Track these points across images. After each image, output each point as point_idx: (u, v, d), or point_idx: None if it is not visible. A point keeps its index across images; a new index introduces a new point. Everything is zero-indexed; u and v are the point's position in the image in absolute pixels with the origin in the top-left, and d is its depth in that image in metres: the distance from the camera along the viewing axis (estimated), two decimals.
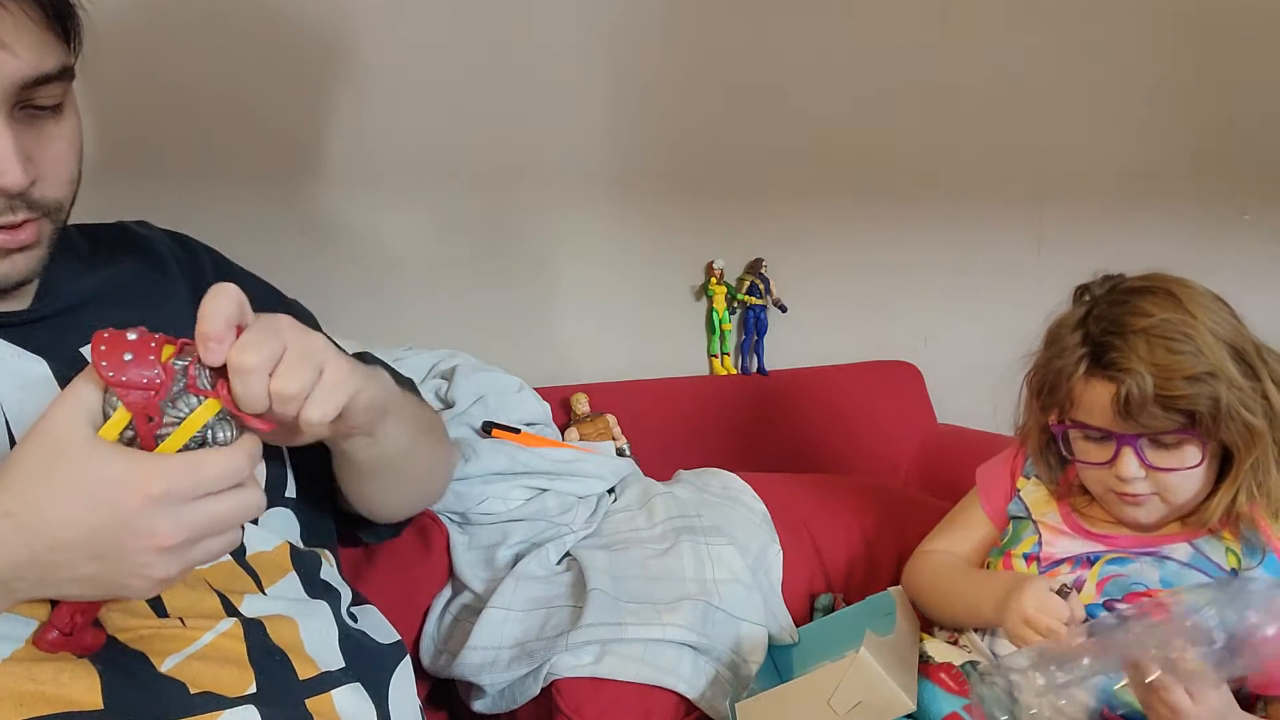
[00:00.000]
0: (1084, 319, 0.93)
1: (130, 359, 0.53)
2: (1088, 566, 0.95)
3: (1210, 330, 0.86)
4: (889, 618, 1.02)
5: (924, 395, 1.86)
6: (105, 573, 0.52)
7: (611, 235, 1.67)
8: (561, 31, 1.55)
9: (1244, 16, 2.16)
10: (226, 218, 1.36)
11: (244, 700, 0.60)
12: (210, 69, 1.33)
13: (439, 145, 1.50)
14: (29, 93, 0.61)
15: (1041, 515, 1.01)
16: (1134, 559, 0.93)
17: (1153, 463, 0.88)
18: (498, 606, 1.07)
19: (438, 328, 1.52)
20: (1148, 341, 0.86)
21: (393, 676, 0.73)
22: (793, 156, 1.80)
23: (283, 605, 0.68)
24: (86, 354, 0.68)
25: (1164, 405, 0.85)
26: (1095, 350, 0.89)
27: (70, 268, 0.73)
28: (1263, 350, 0.89)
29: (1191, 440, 0.87)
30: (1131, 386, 0.85)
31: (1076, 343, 0.91)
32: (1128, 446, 0.88)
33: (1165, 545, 0.92)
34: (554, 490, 1.24)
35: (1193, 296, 0.89)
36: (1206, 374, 0.84)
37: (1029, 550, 0.99)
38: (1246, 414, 0.85)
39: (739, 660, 1.08)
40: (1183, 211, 2.19)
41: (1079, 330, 0.92)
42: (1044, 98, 2.03)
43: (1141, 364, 0.85)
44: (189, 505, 0.53)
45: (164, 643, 0.61)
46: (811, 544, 1.27)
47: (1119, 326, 0.88)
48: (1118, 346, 0.87)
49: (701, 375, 1.77)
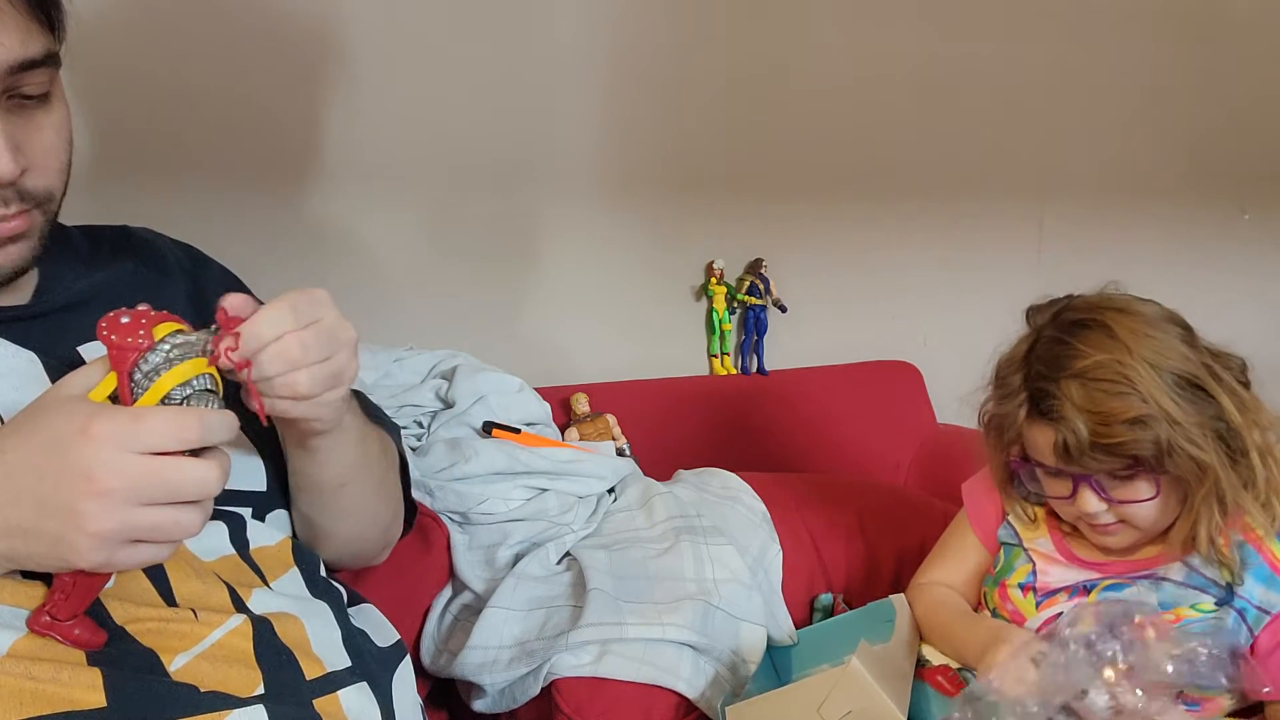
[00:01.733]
0: (1026, 356, 0.92)
1: (126, 322, 0.55)
2: (1084, 594, 0.94)
3: (1151, 365, 0.84)
4: (889, 624, 1.02)
5: (924, 395, 1.86)
6: (45, 519, 0.52)
7: (612, 235, 1.67)
8: (562, 31, 1.56)
9: (1244, 17, 2.16)
10: (224, 217, 1.37)
11: (253, 700, 0.60)
12: (208, 66, 1.33)
13: (438, 145, 1.50)
14: (15, 80, 0.61)
15: (1032, 543, 1.00)
16: (1130, 583, 0.92)
17: (1111, 496, 0.87)
18: (498, 606, 1.07)
19: (438, 328, 1.52)
20: (1083, 386, 0.84)
21: (394, 676, 0.73)
22: (793, 156, 1.80)
23: (288, 602, 0.69)
24: (84, 353, 0.68)
25: (1104, 450, 0.84)
26: (1034, 395, 0.88)
27: (72, 267, 0.73)
28: (1216, 368, 0.87)
29: (1142, 476, 0.86)
30: (1068, 434, 0.84)
31: (1018, 385, 0.91)
32: (1084, 484, 0.88)
33: (1159, 566, 0.92)
34: (554, 490, 1.24)
35: (1133, 329, 0.86)
36: (1144, 417, 0.82)
37: (1024, 580, 0.98)
38: (1192, 448, 0.82)
39: (739, 660, 1.08)
40: (1183, 211, 2.19)
41: (1020, 371, 0.91)
42: (1044, 98, 2.03)
43: (1076, 412, 0.84)
44: (130, 456, 0.52)
45: (175, 639, 0.61)
46: (811, 544, 1.27)
47: (1055, 369, 0.87)
48: (1053, 394, 0.86)
49: (701, 375, 1.77)
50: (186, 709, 0.58)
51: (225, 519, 0.70)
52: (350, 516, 0.80)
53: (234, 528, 0.71)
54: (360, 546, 0.85)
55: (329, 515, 0.78)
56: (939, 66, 1.90)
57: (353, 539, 0.83)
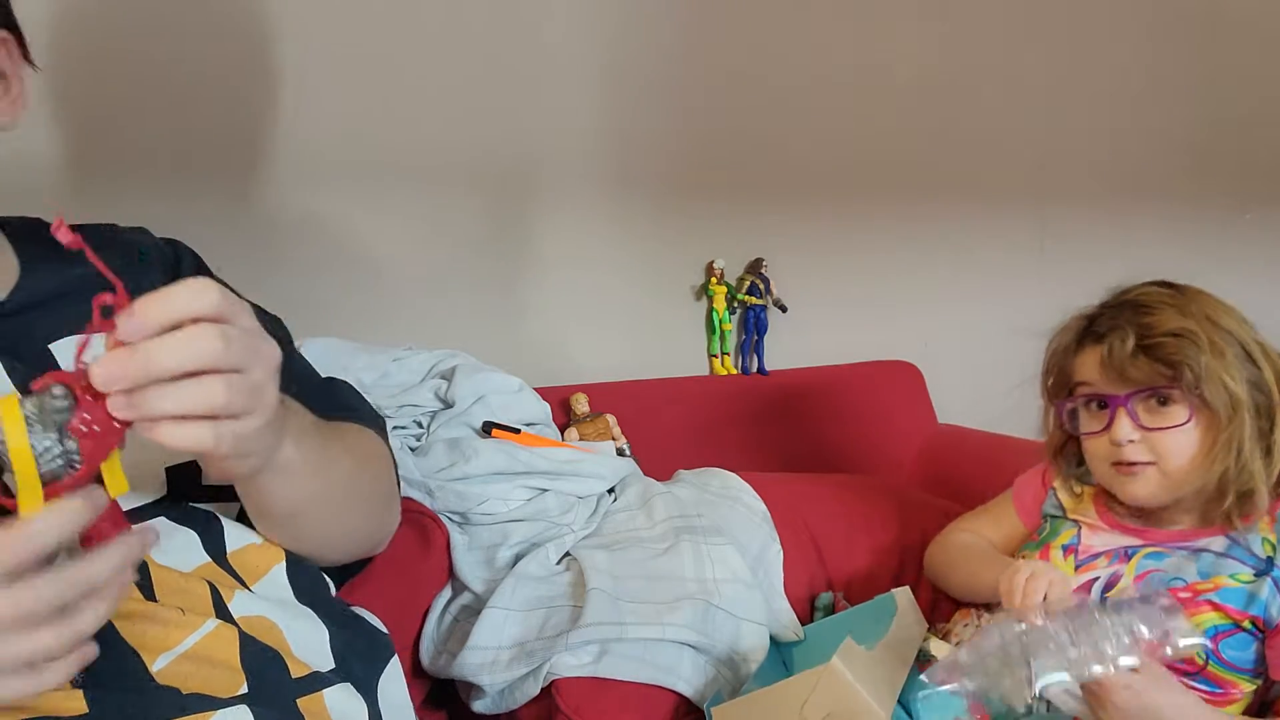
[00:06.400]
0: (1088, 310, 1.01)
1: None
2: (1125, 560, 0.96)
3: (1208, 317, 0.92)
4: (890, 618, 1.02)
5: (924, 395, 1.86)
6: None
7: (612, 235, 1.67)
8: (563, 32, 1.55)
9: (1245, 15, 2.16)
10: (223, 217, 1.37)
11: (236, 700, 0.59)
12: (201, 67, 1.33)
13: (438, 145, 1.50)
14: None
15: (1078, 514, 1.04)
16: (1170, 553, 0.94)
17: (1144, 423, 0.92)
18: (497, 606, 1.07)
19: (438, 328, 1.52)
20: (1134, 309, 0.94)
21: (381, 676, 0.72)
22: (793, 156, 1.80)
23: (269, 606, 0.67)
24: (55, 350, 0.67)
25: (1146, 354, 0.91)
26: (1090, 321, 0.98)
27: (50, 264, 0.71)
28: (1268, 350, 0.93)
29: (1178, 398, 0.91)
30: (1115, 340, 0.92)
31: (1076, 323, 1.00)
32: (1121, 407, 0.93)
33: (1201, 539, 0.94)
34: (554, 490, 1.24)
35: (1198, 294, 0.95)
36: (1186, 330, 0.90)
37: (1068, 542, 1.02)
38: (1229, 379, 0.89)
39: (739, 659, 1.08)
40: (1184, 211, 2.19)
41: (1083, 316, 1.00)
42: (1046, 98, 2.03)
43: (1127, 323, 0.93)
44: None
45: (158, 636, 0.60)
46: (812, 544, 1.27)
47: (1119, 299, 0.97)
48: (1108, 315, 0.96)
49: (701, 375, 1.77)
50: (169, 712, 0.56)
51: (200, 524, 0.68)
52: (311, 540, 0.73)
53: (209, 535, 0.68)
54: (337, 556, 0.79)
55: (287, 538, 0.72)
56: (940, 66, 1.89)
57: (323, 553, 0.76)
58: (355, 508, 0.76)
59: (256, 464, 0.58)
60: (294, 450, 0.62)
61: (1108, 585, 0.95)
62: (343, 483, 0.71)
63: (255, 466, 0.58)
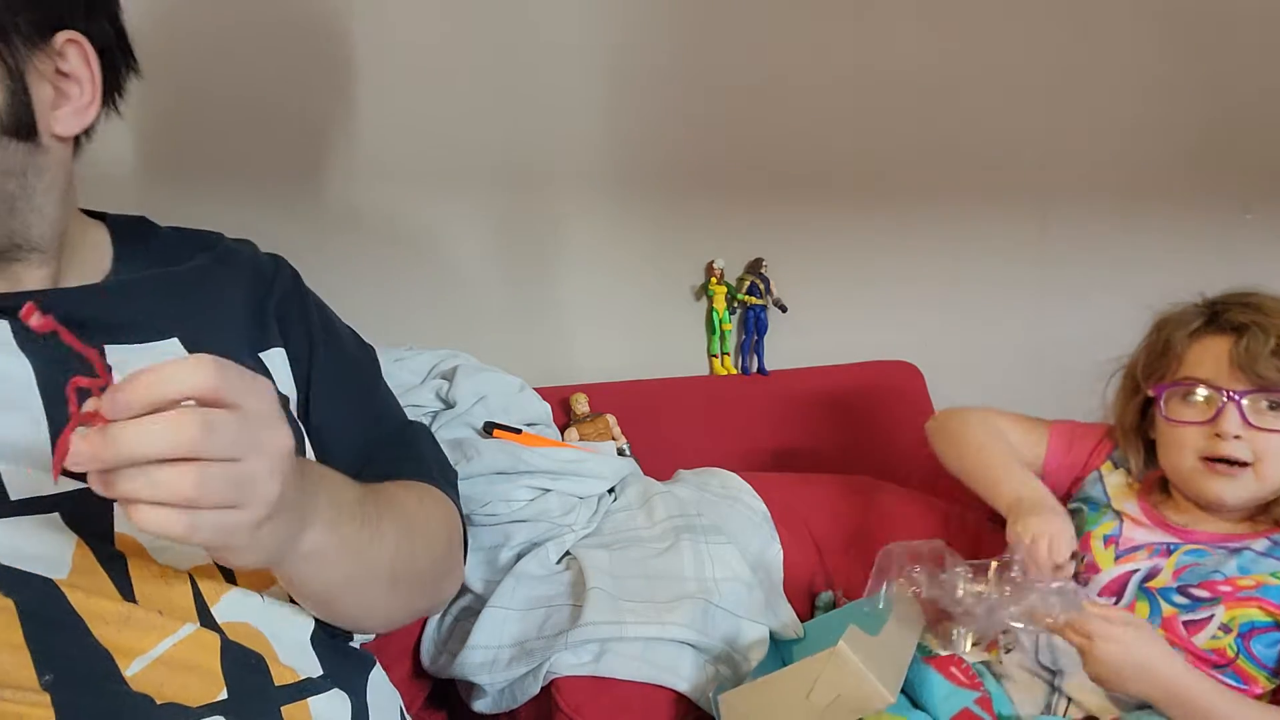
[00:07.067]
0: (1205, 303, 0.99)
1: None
2: (1165, 555, 0.97)
3: None
4: (888, 608, 1.02)
5: (924, 395, 1.86)
6: None
7: (611, 235, 1.67)
8: (563, 32, 1.55)
9: (1245, 14, 2.16)
10: (230, 215, 1.37)
11: (211, 710, 0.58)
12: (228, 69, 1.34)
13: (438, 146, 1.50)
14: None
15: (1121, 505, 1.03)
16: (1211, 552, 0.95)
17: (1255, 422, 0.91)
18: (497, 606, 1.07)
19: (438, 327, 1.52)
20: (1261, 311, 0.93)
21: (368, 679, 0.72)
22: (793, 156, 1.79)
23: (254, 607, 0.66)
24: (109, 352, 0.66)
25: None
26: (1216, 312, 0.96)
27: (141, 261, 0.73)
28: None
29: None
30: (1256, 334, 0.90)
31: (1197, 310, 0.98)
32: (1232, 402, 0.91)
33: (1243, 540, 0.94)
34: (556, 491, 1.24)
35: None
36: None
37: (1109, 533, 1.02)
38: None
39: (739, 658, 1.08)
40: (1185, 211, 2.18)
41: (1202, 305, 0.99)
42: (1046, 98, 2.02)
43: (1267, 319, 0.91)
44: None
45: (135, 638, 0.58)
46: (812, 543, 1.27)
47: (1245, 299, 0.96)
48: (1242, 309, 0.95)
49: (701, 375, 1.77)
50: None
51: None
52: (346, 619, 0.69)
53: None
54: (379, 629, 0.75)
55: (319, 613, 0.68)
56: (940, 65, 1.89)
57: (361, 627, 0.72)
58: (401, 587, 0.71)
59: (264, 557, 0.53)
60: (324, 536, 0.58)
61: (1147, 577, 0.96)
62: (387, 562, 0.67)
63: (263, 560, 0.54)
